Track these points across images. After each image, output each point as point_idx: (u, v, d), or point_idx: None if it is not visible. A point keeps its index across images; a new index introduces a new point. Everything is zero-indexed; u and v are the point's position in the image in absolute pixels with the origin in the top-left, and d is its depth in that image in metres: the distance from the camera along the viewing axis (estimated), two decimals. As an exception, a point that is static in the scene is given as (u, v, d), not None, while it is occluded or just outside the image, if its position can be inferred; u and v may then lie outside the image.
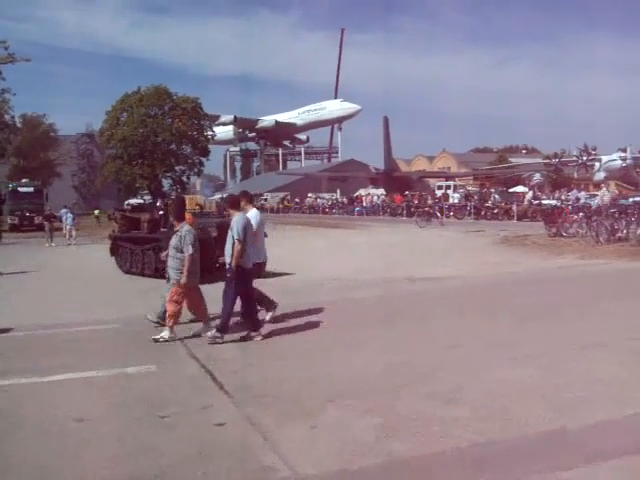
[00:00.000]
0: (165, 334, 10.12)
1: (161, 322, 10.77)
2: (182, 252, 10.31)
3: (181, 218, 10.82)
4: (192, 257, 10.29)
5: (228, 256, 10.11)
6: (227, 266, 10.17)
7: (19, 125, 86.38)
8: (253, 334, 10.17)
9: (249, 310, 10.47)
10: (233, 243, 9.98)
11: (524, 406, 6.56)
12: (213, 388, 7.61)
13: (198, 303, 10.71)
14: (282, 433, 6.10)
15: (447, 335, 10.01)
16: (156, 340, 10.01)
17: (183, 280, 10.22)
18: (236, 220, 10.17)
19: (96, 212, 67.15)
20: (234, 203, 10.79)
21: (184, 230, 10.43)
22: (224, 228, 15.55)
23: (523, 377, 7.57)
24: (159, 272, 15.35)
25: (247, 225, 10.26)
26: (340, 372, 8.07)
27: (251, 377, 8.01)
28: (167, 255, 10.70)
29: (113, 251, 20.50)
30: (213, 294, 10.82)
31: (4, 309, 13.50)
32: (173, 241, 10.53)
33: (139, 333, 10.79)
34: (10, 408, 7.11)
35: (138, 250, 19.00)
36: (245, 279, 10.27)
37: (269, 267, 13.91)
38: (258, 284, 11.25)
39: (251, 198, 11.81)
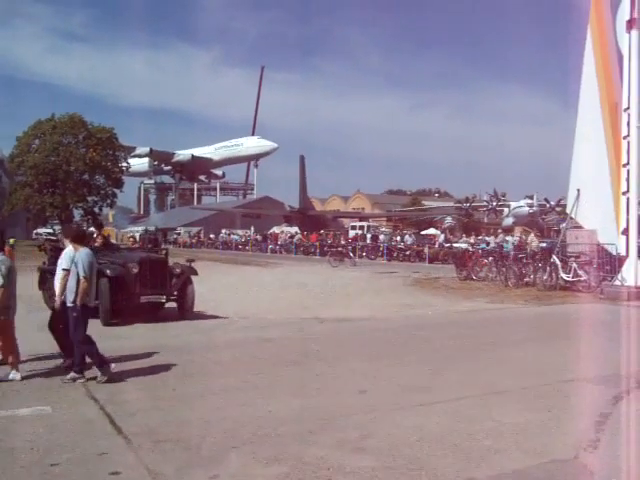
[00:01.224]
0: (12, 374, 9.63)
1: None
2: None
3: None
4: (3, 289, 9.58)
5: (71, 294, 9.70)
6: (70, 304, 9.73)
7: None
8: (73, 374, 9.65)
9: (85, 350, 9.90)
10: (78, 280, 9.66)
11: (434, 455, 6.42)
12: (111, 432, 7.19)
13: (10, 342, 9.95)
14: (181, 483, 5.78)
15: (357, 379, 9.85)
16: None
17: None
18: (82, 256, 9.80)
19: (11, 241, 64.79)
20: (81, 237, 10.42)
21: None
22: (147, 264, 15.90)
23: (433, 424, 7.45)
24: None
25: (93, 262, 10.03)
26: (246, 416, 7.77)
27: (152, 420, 7.60)
28: None
29: (41, 285, 18.49)
30: (127, 334, 10.43)
31: None
32: None
33: (38, 371, 10.22)
34: None
35: None
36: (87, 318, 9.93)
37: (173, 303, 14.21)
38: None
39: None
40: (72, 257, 9.83)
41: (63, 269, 9.84)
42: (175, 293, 16.25)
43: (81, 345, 9.75)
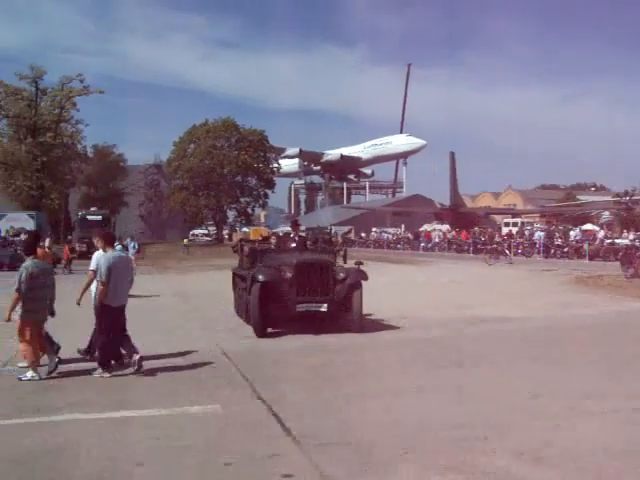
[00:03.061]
0: (28, 374, 9.83)
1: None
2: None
3: (30, 253, 10.32)
4: (19, 294, 9.76)
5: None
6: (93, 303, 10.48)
7: (90, 155, 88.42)
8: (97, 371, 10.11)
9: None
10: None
11: (626, 472, 5.92)
12: (280, 433, 7.15)
13: (30, 345, 10.03)
14: (355, 488, 5.62)
15: (525, 382, 9.39)
16: (20, 379, 9.75)
17: (5, 315, 9.91)
18: (102, 259, 10.35)
19: (185, 241, 67.44)
20: (108, 240, 10.88)
21: (22, 265, 10.03)
22: (305, 267, 13.95)
23: (615, 434, 6.93)
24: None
25: (113, 265, 10.32)
26: (415, 420, 7.55)
27: (321, 422, 7.53)
28: None
29: (234, 286, 18.05)
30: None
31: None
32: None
33: (204, 369, 10.50)
34: (68, 447, 6.76)
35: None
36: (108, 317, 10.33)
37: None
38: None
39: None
40: (99, 260, 10.46)
41: (91, 270, 10.63)
42: (339, 301, 13.92)
43: (99, 340, 10.38)
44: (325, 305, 13.68)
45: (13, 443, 6.94)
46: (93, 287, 10.71)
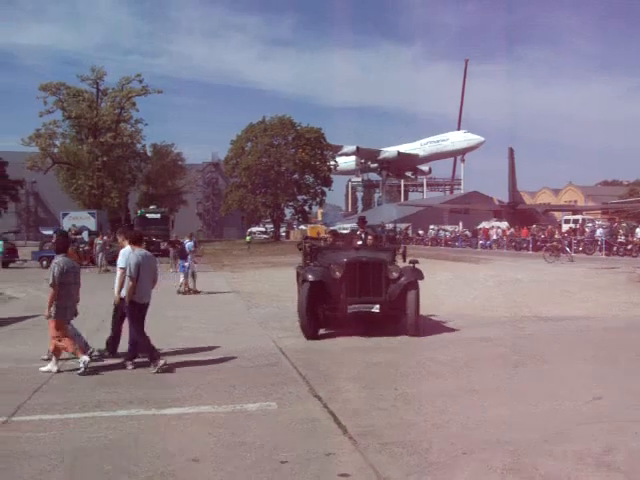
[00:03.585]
0: (49, 366, 10.24)
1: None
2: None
3: (61, 251, 10.79)
4: (55, 289, 10.19)
5: (124, 291, 10.72)
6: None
7: (149, 154, 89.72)
8: (127, 363, 10.59)
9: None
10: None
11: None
12: (336, 432, 7.10)
13: (61, 339, 10.41)
14: (412, 490, 5.54)
15: (587, 384, 9.17)
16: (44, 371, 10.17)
17: (46, 313, 10.37)
18: (131, 257, 10.65)
19: (247, 238, 67.96)
20: (135, 239, 11.14)
21: (53, 262, 10.44)
22: (356, 266, 13.30)
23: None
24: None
25: (141, 263, 10.61)
26: (473, 420, 7.41)
27: (376, 421, 7.45)
28: None
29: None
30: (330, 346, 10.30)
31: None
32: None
33: (260, 366, 10.52)
34: (124, 443, 6.84)
35: None
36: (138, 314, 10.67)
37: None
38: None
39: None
40: (127, 257, 10.75)
41: (120, 267, 10.92)
42: (393, 301, 13.27)
43: (136, 338, 10.59)
44: (377, 306, 13.08)
45: (75, 436, 7.05)
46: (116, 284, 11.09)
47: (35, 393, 8.98)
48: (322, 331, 13.53)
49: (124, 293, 10.66)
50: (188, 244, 24.59)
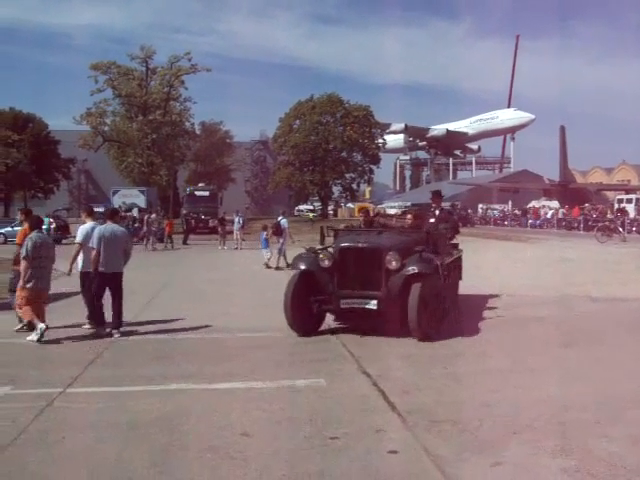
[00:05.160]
0: (33, 335, 10.73)
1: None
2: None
3: (34, 228, 11.56)
4: (28, 262, 10.93)
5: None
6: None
7: (198, 132, 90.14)
8: (114, 331, 11.25)
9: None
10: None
11: None
12: (385, 409, 7.10)
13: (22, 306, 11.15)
14: (461, 468, 5.50)
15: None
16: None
17: (21, 284, 11.05)
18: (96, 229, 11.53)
19: (311, 215, 67.80)
20: (113, 214, 12.37)
21: (27, 237, 11.19)
22: (352, 254, 11.33)
23: None
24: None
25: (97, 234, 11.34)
26: (524, 400, 7.34)
27: (426, 399, 7.43)
28: None
29: None
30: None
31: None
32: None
33: (307, 343, 10.59)
34: (175, 416, 6.93)
35: None
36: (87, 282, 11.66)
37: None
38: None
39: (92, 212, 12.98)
40: (86, 232, 11.72)
41: (77, 242, 11.92)
42: (394, 296, 10.83)
43: (94, 302, 11.42)
44: (374, 302, 10.83)
45: (129, 409, 7.18)
46: (80, 258, 11.88)
47: (89, 365, 9.16)
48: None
49: (81, 266, 11.76)
50: (282, 221, 24.64)
